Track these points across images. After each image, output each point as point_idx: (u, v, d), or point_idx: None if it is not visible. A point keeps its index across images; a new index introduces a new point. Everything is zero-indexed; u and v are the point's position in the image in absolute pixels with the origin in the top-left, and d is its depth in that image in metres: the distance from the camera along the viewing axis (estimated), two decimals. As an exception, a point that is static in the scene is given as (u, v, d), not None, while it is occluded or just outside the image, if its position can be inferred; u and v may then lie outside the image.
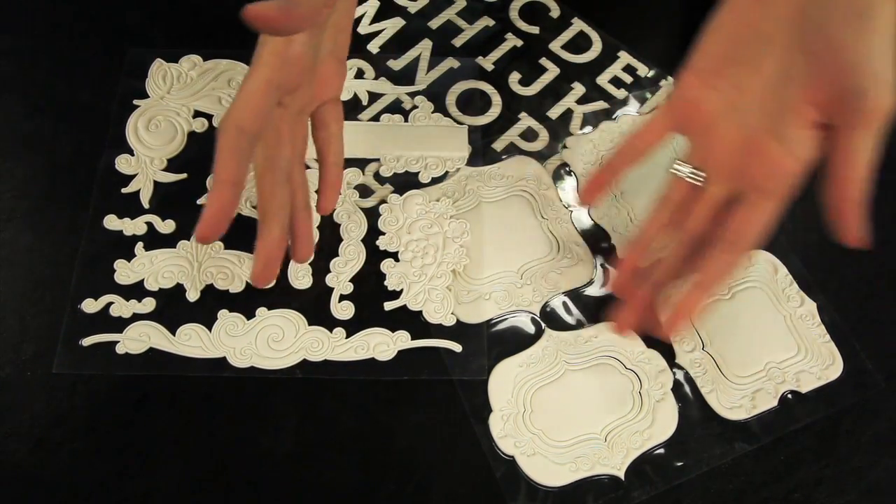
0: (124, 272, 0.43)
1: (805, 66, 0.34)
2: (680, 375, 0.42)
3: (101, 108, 0.49)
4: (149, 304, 0.43)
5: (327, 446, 0.40)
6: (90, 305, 0.42)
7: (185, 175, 0.47)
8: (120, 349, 0.41)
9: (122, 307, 0.42)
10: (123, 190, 0.46)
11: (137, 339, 0.42)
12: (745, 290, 0.44)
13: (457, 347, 0.42)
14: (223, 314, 0.42)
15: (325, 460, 0.39)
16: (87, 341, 0.41)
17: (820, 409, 0.41)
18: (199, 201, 0.46)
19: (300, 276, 0.44)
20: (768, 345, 0.43)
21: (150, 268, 0.44)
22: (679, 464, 0.40)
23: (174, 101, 0.49)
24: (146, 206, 0.46)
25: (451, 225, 0.45)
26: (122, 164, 0.47)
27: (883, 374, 0.42)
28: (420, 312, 0.43)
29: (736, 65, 0.36)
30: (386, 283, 0.44)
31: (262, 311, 0.43)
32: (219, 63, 0.51)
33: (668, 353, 0.42)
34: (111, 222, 0.45)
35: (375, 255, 0.44)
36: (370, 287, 0.44)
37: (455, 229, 0.45)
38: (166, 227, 0.45)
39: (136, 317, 0.42)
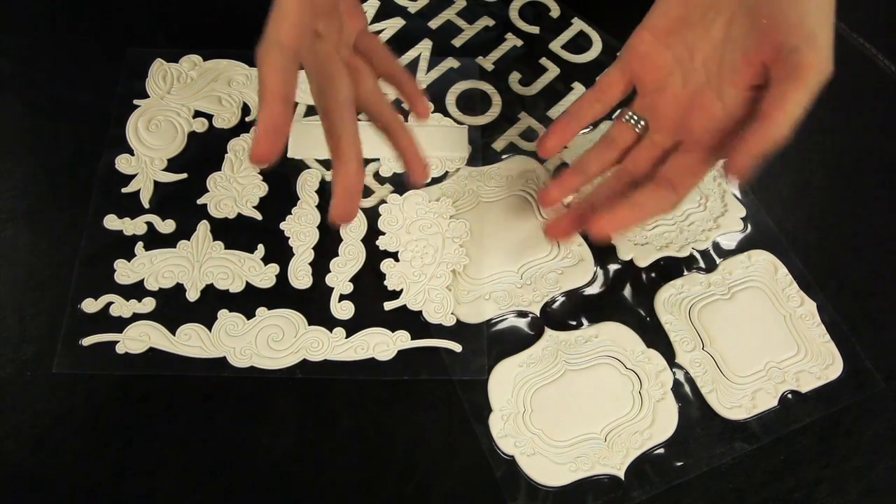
0: (124, 272, 0.43)
1: (747, 30, 0.37)
2: (680, 375, 0.42)
3: (101, 108, 0.49)
4: (149, 304, 0.43)
5: (327, 446, 0.40)
6: (90, 305, 0.42)
7: (185, 175, 0.47)
8: (120, 349, 0.41)
9: (122, 307, 0.42)
10: (123, 190, 0.46)
11: (137, 338, 0.42)
12: (745, 290, 0.44)
13: (457, 347, 0.42)
14: (223, 314, 0.42)
15: (325, 460, 0.39)
16: (86, 341, 0.41)
17: (820, 409, 0.41)
18: (199, 201, 0.46)
19: (300, 277, 0.44)
20: (768, 345, 0.43)
21: (151, 267, 0.44)
22: (679, 464, 0.40)
23: (174, 101, 0.49)
24: (146, 205, 0.46)
25: (450, 225, 0.45)
26: (123, 163, 0.47)
27: (883, 374, 0.42)
28: (420, 312, 0.43)
29: (688, 27, 0.39)
30: (386, 283, 0.44)
31: (261, 311, 0.43)
32: (219, 63, 0.51)
33: (669, 353, 0.42)
34: (111, 222, 0.45)
35: (375, 255, 0.44)
36: (370, 287, 0.44)
37: (454, 229, 0.45)
38: (166, 226, 0.45)
39: (136, 316, 0.42)
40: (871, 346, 0.43)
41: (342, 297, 0.43)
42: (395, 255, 0.44)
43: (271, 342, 0.42)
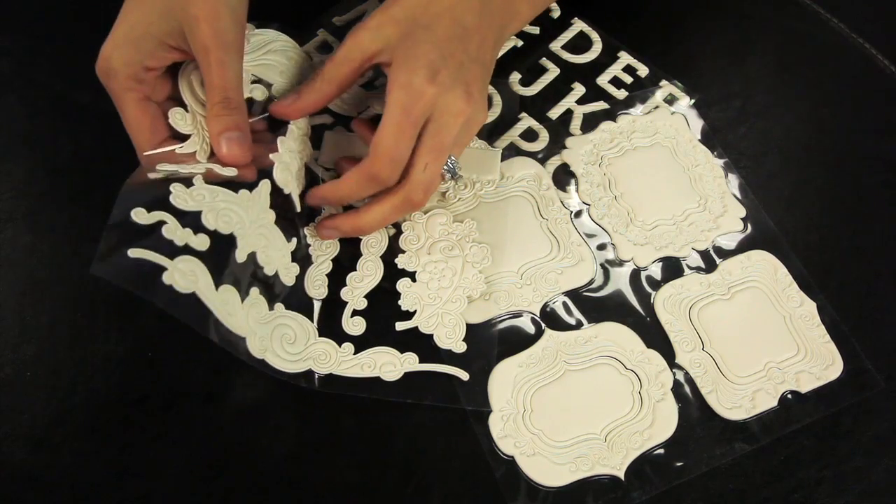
0: (182, 196, 0.37)
1: None
2: (680, 375, 0.42)
3: (101, 108, 0.49)
4: (203, 241, 0.36)
5: (327, 446, 0.40)
6: (141, 215, 0.35)
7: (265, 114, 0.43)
8: (167, 279, 0.34)
9: (175, 230, 0.35)
10: (177, 149, 0.41)
11: (187, 274, 0.35)
12: (745, 290, 0.44)
13: (464, 375, 0.41)
14: (254, 293, 0.39)
15: (325, 460, 0.39)
16: (134, 252, 0.34)
17: (820, 409, 0.41)
18: (271, 156, 0.40)
19: (316, 286, 0.43)
20: (768, 345, 0.43)
21: (210, 202, 0.37)
22: (679, 464, 0.40)
23: None
24: (203, 160, 0.41)
25: (472, 249, 0.44)
26: (177, 118, 0.41)
27: (883, 374, 0.42)
28: (431, 336, 0.42)
29: None
30: (400, 302, 0.43)
31: (279, 307, 0.41)
32: (276, 35, 0.45)
33: (668, 354, 0.42)
34: (169, 142, 0.40)
35: (393, 273, 0.44)
36: (384, 305, 0.43)
37: (476, 254, 0.44)
38: (227, 170, 0.39)
39: (188, 249, 0.36)
40: (871, 346, 0.43)
41: (355, 313, 0.43)
42: (412, 275, 0.44)
43: (285, 342, 0.41)
